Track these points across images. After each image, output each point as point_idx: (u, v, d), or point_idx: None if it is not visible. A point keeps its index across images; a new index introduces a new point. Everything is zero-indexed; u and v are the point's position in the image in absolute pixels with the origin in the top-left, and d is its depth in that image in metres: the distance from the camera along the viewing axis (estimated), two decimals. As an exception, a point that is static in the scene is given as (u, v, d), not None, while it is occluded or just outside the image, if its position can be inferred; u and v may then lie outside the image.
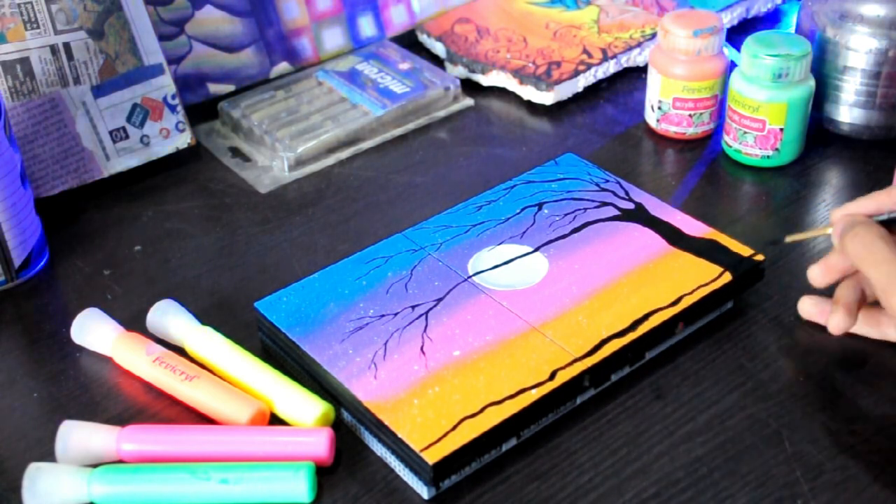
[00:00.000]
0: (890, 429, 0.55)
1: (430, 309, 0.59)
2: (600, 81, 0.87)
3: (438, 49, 0.90)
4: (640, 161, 0.78)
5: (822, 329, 0.61)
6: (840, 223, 0.57)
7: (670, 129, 0.79)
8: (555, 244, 0.64)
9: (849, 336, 0.61)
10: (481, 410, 0.53)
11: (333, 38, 0.90)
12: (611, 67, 0.86)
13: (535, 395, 0.53)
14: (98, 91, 0.75)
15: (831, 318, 0.57)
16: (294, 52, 0.88)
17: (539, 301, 0.59)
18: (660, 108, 0.78)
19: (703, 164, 0.77)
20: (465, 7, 0.94)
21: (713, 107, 0.78)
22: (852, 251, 0.55)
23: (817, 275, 0.59)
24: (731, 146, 0.76)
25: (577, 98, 0.85)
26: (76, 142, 0.74)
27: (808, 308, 0.61)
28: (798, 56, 0.71)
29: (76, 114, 0.74)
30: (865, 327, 0.60)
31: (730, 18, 0.92)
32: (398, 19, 0.93)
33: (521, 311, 0.59)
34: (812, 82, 0.74)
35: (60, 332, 0.63)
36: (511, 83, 0.85)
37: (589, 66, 0.85)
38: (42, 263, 0.69)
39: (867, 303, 0.59)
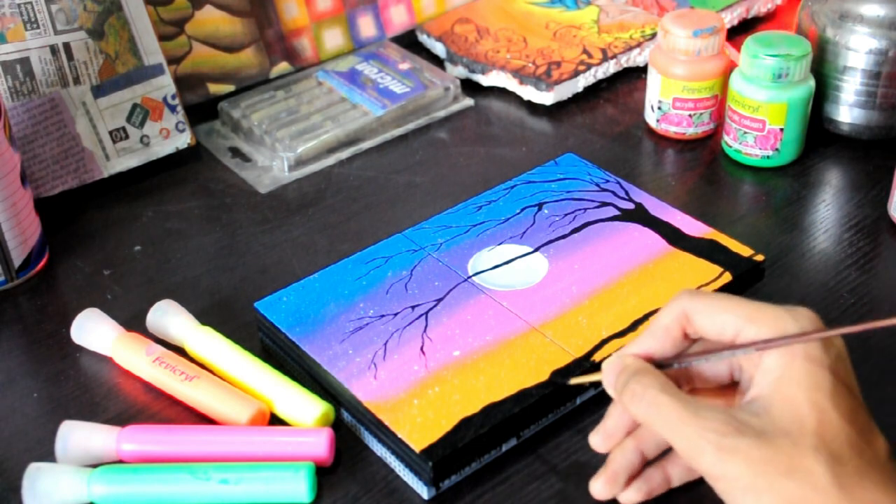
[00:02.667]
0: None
1: (430, 309, 0.59)
2: (600, 81, 0.87)
3: (438, 49, 0.90)
4: (640, 161, 0.78)
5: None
6: (612, 371, 0.49)
7: (670, 129, 0.79)
8: (555, 244, 0.64)
9: (849, 336, 0.61)
10: (481, 410, 0.53)
11: (333, 38, 0.90)
12: (611, 67, 0.86)
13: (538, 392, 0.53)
14: (98, 91, 0.75)
15: (593, 483, 0.50)
16: (294, 52, 0.88)
17: (539, 301, 0.59)
18: (660, 108, 0.78)
19: (703, 164, 0.77)
20: (465, 7, 0.94)
21: (713, 107, 0.78)
22: (638, 415, 0.47)
23: (599, 443, 0.51)
24: (731, 146, 0.76)
25: (577, 98, 0.85)
26: (76, 142, 0.74)
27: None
28: (798, 56, 0.71)
29: (76, 114, 0.74)
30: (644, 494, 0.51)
31: (730, 18, 0.92)
32: (398, 19, 0.93)
33: (521, 311, 0.59)
34: (812, 82, 0.74)
35: (60, 332, 0.63)
36: (511, 83, 0.85)
37: (589, 66, 0.85)
38: (42, 263, 0.69)
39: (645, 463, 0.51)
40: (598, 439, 0.51)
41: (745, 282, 0.62)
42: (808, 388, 0.43)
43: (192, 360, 0.60)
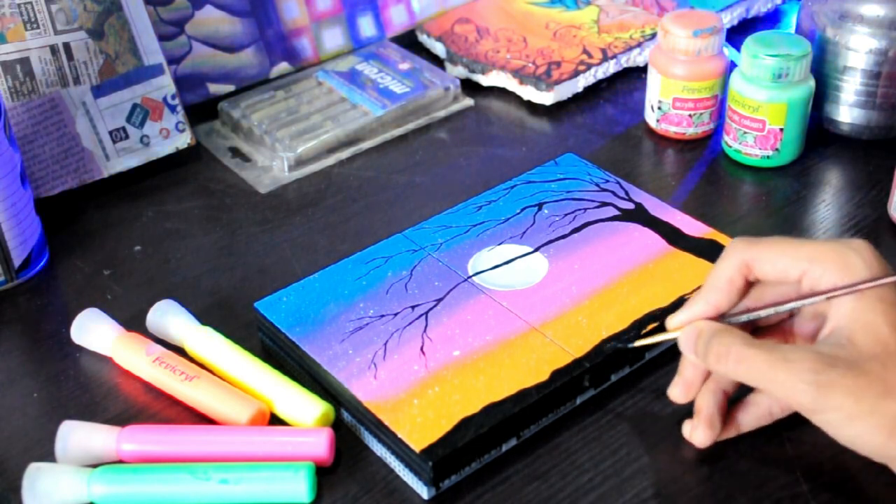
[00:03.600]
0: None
1: (430, 309, 0.59)
2: (600, 81, 0.87)
3: (438, 49, 0.90)
4: (640, 161, 0.78)
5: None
6: (689, 338, 0.51)
7: (670, 129, 0.79)
8: (555, 244, 0.64)
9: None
10: (481, 410, 0.53)
11: (333, 38, 0.90)
12: (611, 67, 0.86)
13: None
14: (98, 91, 0.75)
15: (693, 433, 0.53)
16: (294, 52, 0.88)
17: (539, 301, 0.59)
18: (660, 108, 0.78)
19: (703, 164, 0.77)
20: (465, 7, 0.94)
21: (713, 107, 0.78)
22: (728, 373, 0.49)
23: (679, 395, 0.53)
24: (731, 146, 0.76)
25: (577, 98, 0.85)
26: (76, 142, 0.74)
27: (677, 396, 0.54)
28: (798, 56, 0.71)
29: (76, 114, 0.74)
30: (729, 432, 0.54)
31: (730, 18, 0.92)
32: (398, 19, 0.93)
33: (521, 311, 0.59)
34: (812, 82, 0.74)
35: (60, 332, 0.63)
36: (511, 83, 0.85)
37: (589, 66, 0.85)
38: (42, 263, 0.69)
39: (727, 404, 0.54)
40: (678, 391, 0.53)
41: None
42: (884, 312, 0.46)
43: (192, 360, 0.60)
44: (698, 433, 0.52)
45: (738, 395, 0.53)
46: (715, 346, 0.49)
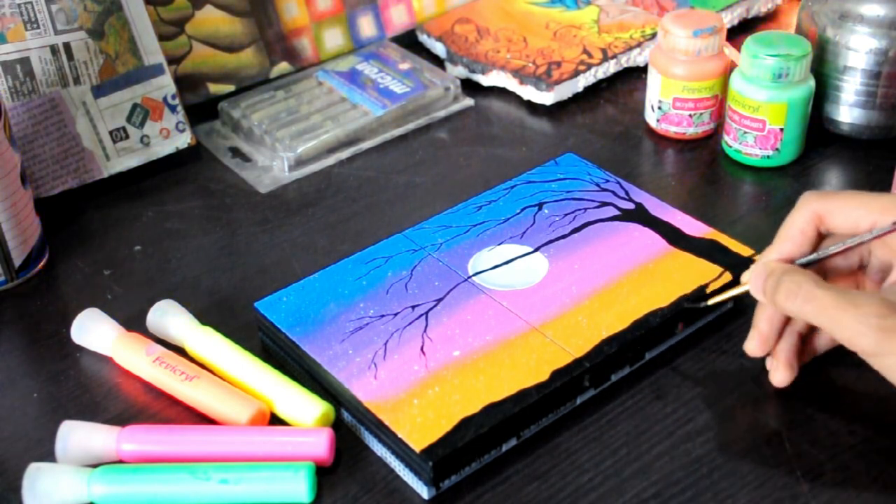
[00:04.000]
0: (890, 429, 0.55)
1: (430, 309, 0.59)
2: (600, 81, 0.87)
3: (438, 49, 0.90)
4: (640, 161, 0.78)
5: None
6: (759, 277, 0.52)
7: (670, 129, 0.79)
8: (555, 244, 0.64)
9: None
10: (481, 410, 0.53)
11: (333, 38, 0.90)
12: (611, 67, 0.86)
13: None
14: (98, 91, 0.75)
15: (774, 373, 0.55)
16: (294, 52, 0.88)
17: (539, 301, 0.59)
18: (660, 108, 0.78)
19: (703, 164, 0.77)
20: (465, 7, 0.94)
21: (713, 107, 0.78)
22: (795, 311, 0.50)
23: (756, 348, 0.55)
24: (731, 146, 0.76)
25: (577, 98, 0.85)
26: (76, 142, 0.74)
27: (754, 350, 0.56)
28: (798, 56, 0.71)
29: (76, 114, 0.74)
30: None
31: (730, 18, 0.92)
32: (398, 19, 0.93)
33: (521, 311, 0.59)
34: (812, 82, 0.74)
35: (60, 332, 0.63)
36: (511, 83, 0.85)
37: (589, 66, 0.85)
38: (42, 263, 0.69)
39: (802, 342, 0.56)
40: (754, 344, 0.54)
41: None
42: None
43: (192, 360, 0.60)
44: (779, 374, 0.55)
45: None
46: (785, 284, 0.50)
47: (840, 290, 0.49)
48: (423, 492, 0.52)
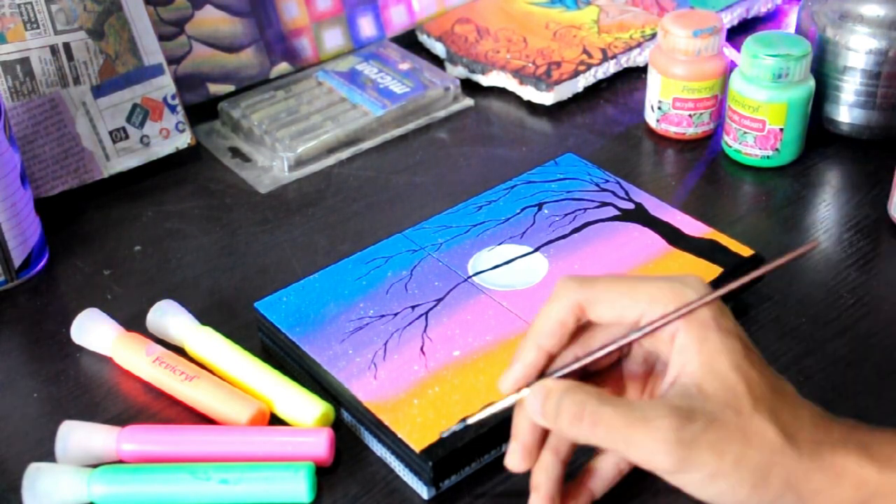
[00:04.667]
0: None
1: (430, 309, 0.59)
2: (600, 81, 0.87)
3: (438, 49, 0.90)
4: (640, 161, 0.78)
5: (822, 329, 0.61)
6: (538, 398, 0.46)
7: (670, 129, 0.79)
8: (555, 244, 0.64)
9: (849, 337, 0.61)
10: (481, 410, 0.53)
11: (333, 38, 0.90)
12: (611, 67, 0.86)
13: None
14: (98, 91, 0.75)
15: None
16: (294, 52, 0.88)
17: (539, 301, 0.59)
18: (660, 108, 0.78)
19: (703, 164, 0.77)
20: (465, 7, 0.94)
21: (713, 107, 0.78)
22: (582, 436, 0.44)
23: (518, 463, 0.48)
24: (731, 146, 0.76)
25: (577, 98, 0.85)
26: (76, 142, 0.74)
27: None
28: (798, 56, 0.71)
29: (76, 114, 0.74)
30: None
31: (730, 18, 0.92)
32: (398, 19, 0.93)
33: (521, 311, 0.59)
34: (812, 82, 0.74)
35: (60, 332, 0.63)
36: (511, 83, 0.85)
37: (589, 67, 0.85)
38: (42, 263, 0.69)
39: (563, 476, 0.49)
40: (516, 459, 0.48)
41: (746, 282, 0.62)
42: (727, 355, 0.44)
43: (192, 360, 0.60)
44: None
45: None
46: (567, 406, 0.44)
47: (625, 402, 0.44)
48: (423, 492, 0.52)
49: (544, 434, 0.48)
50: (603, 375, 0.49)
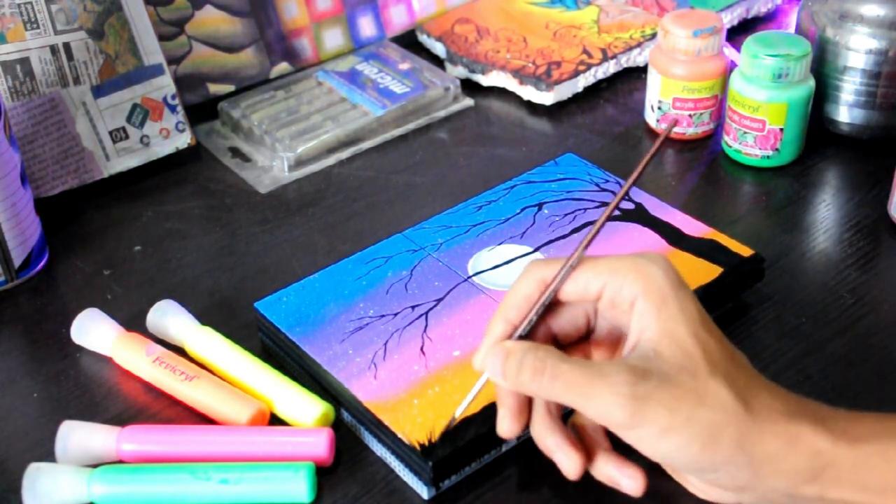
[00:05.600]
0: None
1: (430, 309, 0.59)
2: (600, 81, 0.87)
3: (438, 49, 0.90)
4: (640, 161, 0.78)
5: (822, 329, 0.61)
6: (498, 359, 0.47)
7: (663, 128, 0.79)
8: (555, 244, 0.64)
9: (850, 337, 0.61)
10: (481, 410, 0.53)
11: (333, 38, 0.90)
12: (611, 67, 0.86)
13: None
14: (98, 91, 0.75)
15: (570, 475, 0.49)
16: (294, 52, 0.88)
17: (539, 301, 0.59)
18: (660, 108, 0.78)
19: (703, 164, 0.77)
20: (465, 7, 0.94)
21: (713, 107, 0.78)
22: (542, 391, 0.46)
23: (509, 428, 0.49)
24: (731, 146, 0.76)
25: (577, 98, 0.85)
26: (76, 142, 0.74)
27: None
28: (798, 56, 0.71)
29: (76, 114, 0.74)
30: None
31: (730, 18, 0.92)
32: (398, 19, 0.93)
33: (521, 311, 0.59)
34: (812, 82, 0.74)
35: (60, 332, 0.63)
36: (511, 83, 0.85)
37: (589, 67, 0.85)
38: (42, 263, 0.69)
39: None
40: (506, 424, 0.49)
41: (746, 282, 0.62)
42: (686, 323, 0.46)
43: (192, 360, 0.60)
44: (570, 467, 0.48)
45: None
46: (529, 361, 0.46)
47: (586, 362, 0.46)
48: (423, 492, 0.52)
49: (528, 398, 0.49)
50: (570, 351, 0.51)
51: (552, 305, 0.50)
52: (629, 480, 0.48)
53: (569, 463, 0.48)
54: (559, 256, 0.50)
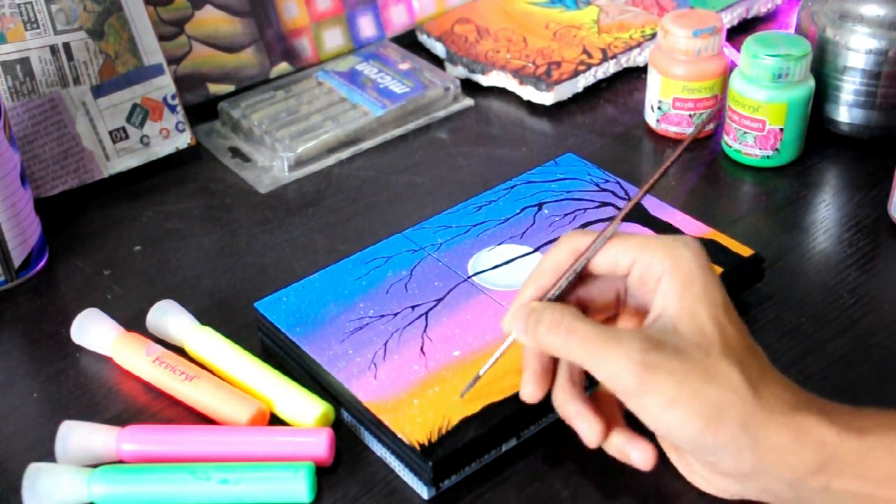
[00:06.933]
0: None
1: (430, 309, 0.59)
2: (600, 81, 0.87)
3: (438, 49, 0.90)
4: (640, 161, 0.78)
5: (822, 329, 0.62)
6: (521, 317, 0.49)
7: (670, 129, 0.79)
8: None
9: (850, 337, 0.61)
10: (481, 410, 0.53)
11: (333, 38, 0.90)
12: (611, 67, 0.86)
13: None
14: (98, 91, 0.75)
15: (590, 444, 0.49)
16: (294, 52, 0.88)
17: (539, 301, 0.59)
18: (660, 108, 0.78)
19: (703, 164, 0.77)
20: (465, 7, 0.94)
21: (713, 107, 0.78)
22: (557, 346, 0.47)
23: (532, 391, 0.50)
24: (731, 146, 0.76)
25: (577, 98, 0.85)
26: (76, 142, 0.74)
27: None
28: (798, 56, 0.71)
29: (76, 114, 0.74)
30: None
31: (730, 18, 0.92)
32: (398, 19, 0.93)
33: (521, 311, 0.59)
34: (812, 82, 0.74)
35: (60, 332, 0.63)
36: (511, 83, 0.85)
37: (589, 67, 0.85)
38: (42, 263, 0.69)
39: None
40: (529, 387, 0.50)
41: (746, 282, 0.62)
42: (708, 305, 0.47)
43: (192, 360, 0.60)
44: (591, 434, 0.49)
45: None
46: (547, 317, 0.48)
47: (603, 326, 0.47)
48: (423, 492, 0.52)
49: (552, 362, 0.50)
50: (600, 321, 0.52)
51: (584, 278, 0.51)
52: (639, 453, 0.49)
53: (590, 430, 0.49)
54: (593, 230, 0.51)
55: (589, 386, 0.52)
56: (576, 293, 0.51)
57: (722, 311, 0.47)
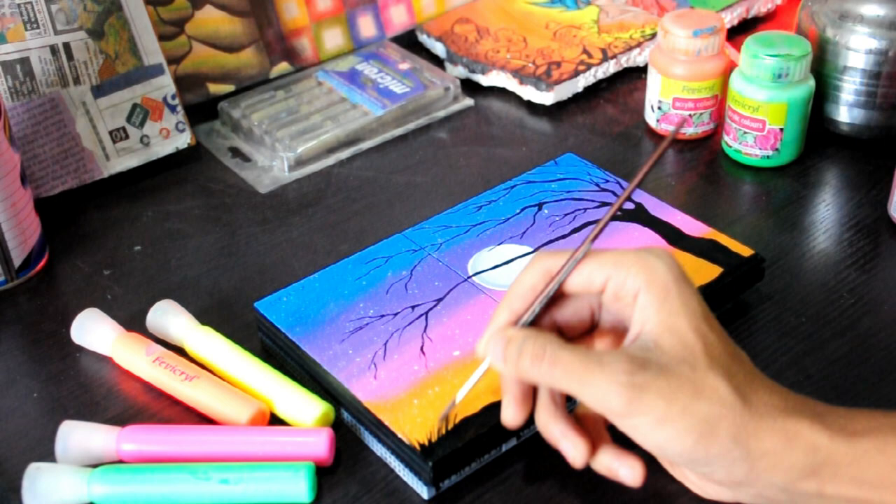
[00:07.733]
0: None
1: (430, 309, 0.59)
2: (600, 81, 0.87)
3: (438, 49, 0.90)
4: (640, 161, 0.78)
5: (822, 329, 0.62)
6: (499, 345, 0.48)
7: (670, 129, 0.79)
8: (555, 244, 0.64)
9: (850, 337, 0.61)
10: (481, 410, 0.53)
11: (333, 38, 0.90)
12: (611, 67, 0.86)
13: None
14: (98, 91, 0.75)
15: (575, 464, 0.48)
16: (294, 52, 0.88)
17: (539, 301, 0.59)
18: (660, 108, 0.78)
19: (703, 164, 0.77)
20: (465, 7, 0.94)
21: (713, 107, 0.78)
22: (541, 377, 0.46)
23: (513, 416, 0.49)
24: (731, 146, 0.76)
25: (577, 98, 0.85)
26: (76, 142, 0.74)
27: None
28: (798, 56, 0.71)
29: (76, 114, 0.74)
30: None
31: (730, 18, 0.92)
32: (398, 19, 0.93)
33: (521, 311, 0.59)
34: (812, 82, 0.74)
35: (60, 332, 0.63)
36: (511, 83, 0.85)
37: (589, 66, 0.85)
38: (42, 263, 0.69)
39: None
40: (510, 412, 0.49)
41: (746, 282, 0.62)
42: (687, 317, 0.46)
43: (192, 360, 0.60)
44: (576, 454, 0.48)
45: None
46: (529, 348, 0.47)
47: (585, 350, 0.46)
48: (423, 492, 0.52)
49: (531, 385, 0.49)
50: (574, 343, 0.50)
51: (557, 297, 0.50)
52: (628, 470, 0.48)
53: (574, 450, 0.48)
54: (565, 249, 0.51)
55: (571, 401, 0.51)
56: (550, 314, 0.50)
57: (702, 320, 0.46)
